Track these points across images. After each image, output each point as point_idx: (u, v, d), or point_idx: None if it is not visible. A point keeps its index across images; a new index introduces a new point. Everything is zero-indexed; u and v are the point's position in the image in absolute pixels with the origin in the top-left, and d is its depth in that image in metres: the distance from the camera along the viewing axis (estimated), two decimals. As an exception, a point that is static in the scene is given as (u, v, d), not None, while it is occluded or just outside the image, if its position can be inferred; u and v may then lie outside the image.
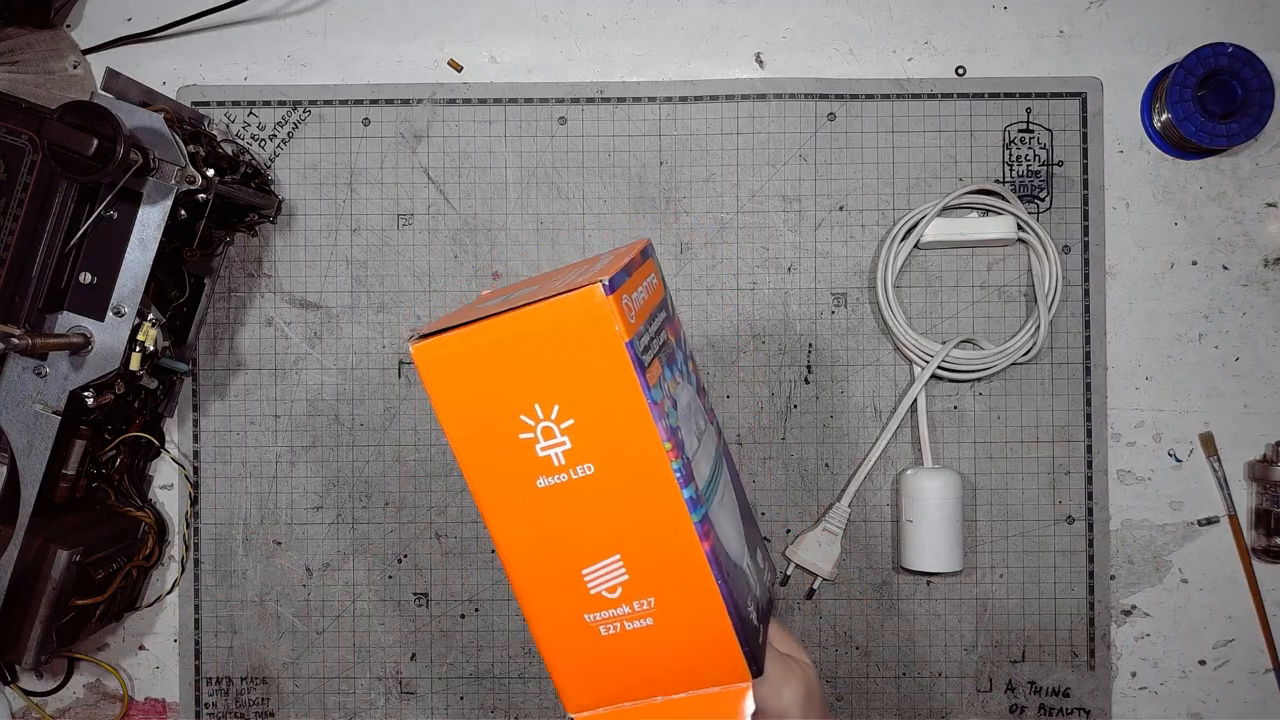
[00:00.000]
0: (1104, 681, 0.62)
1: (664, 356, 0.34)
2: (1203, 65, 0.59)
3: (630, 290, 0.32)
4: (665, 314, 0.36)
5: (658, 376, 0.33)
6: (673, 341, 0.36)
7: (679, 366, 0.35)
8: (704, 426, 0.36)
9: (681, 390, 0.35)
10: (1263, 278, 0.62)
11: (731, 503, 0.37)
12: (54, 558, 0.52)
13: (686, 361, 0.37)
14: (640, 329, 0.32)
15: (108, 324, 0.52)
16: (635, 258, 0.34)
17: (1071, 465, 0.62)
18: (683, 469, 0.33)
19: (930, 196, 0.62)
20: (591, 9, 0.64)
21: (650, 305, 0.34)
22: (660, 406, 0.32)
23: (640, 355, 0.32)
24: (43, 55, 0.62)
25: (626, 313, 0.31)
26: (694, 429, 0.35)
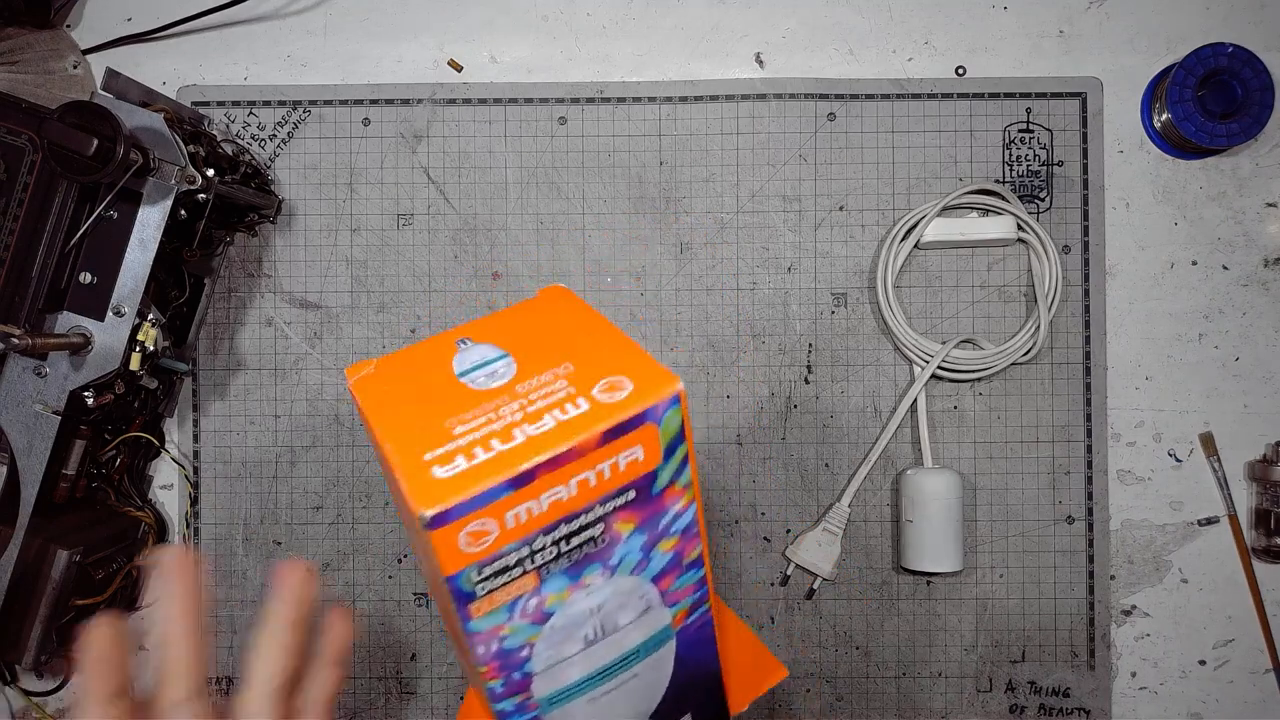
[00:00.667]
0: (1104, 681, 0.62)
1: (560, 563, 0.28)
2: (1203, 65, 0.59)
3: (510, 509, 0.26)
4: (622, 510, 0.28)
5: (514, 598, 0.28)
6: (617, 536, 0.28)
7: (603, 566, 0.29)
8: (609, 629, 0.31)
9: (576, 599, 0.29)
10: (1263, 278, 0.62)
11: (633, 692, 0.33)
12: (54, 558, 0.52)
13: (654, 549, 0.29)
14: (503, 550, 0.26)
15: (108, 324, 0.52)
16: (598, 450, 0.26)
17: (1071, 465, 0.62)
18: (502, 688, 0.30)
19: (930, 196, 0.62)
20: (591, 9, 0.64)
21: (566, 508, 0.27)
22: (484, 636, 0.28)
23: (469, 592, 0.27)
24: (43, 55, 0.62)
25: (471, 544, 0.26)
26: (575, 634, 0.30)
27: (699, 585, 0.32)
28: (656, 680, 0.34)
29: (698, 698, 0.35)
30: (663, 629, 0.32)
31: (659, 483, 0.28)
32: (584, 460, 0.26)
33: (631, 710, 0.34)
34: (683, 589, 0.32)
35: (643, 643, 0.32)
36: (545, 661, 0.30)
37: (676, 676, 0.34)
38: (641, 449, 0.27)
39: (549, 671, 0.31)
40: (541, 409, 0.27)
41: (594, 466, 0.27)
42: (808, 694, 0.62)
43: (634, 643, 0.32)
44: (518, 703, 0.31)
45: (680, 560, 0.31)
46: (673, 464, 0.28)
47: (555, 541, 0.28)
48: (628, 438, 0.27)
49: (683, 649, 0.33)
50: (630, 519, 0.29)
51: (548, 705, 0.31)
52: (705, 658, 0.34)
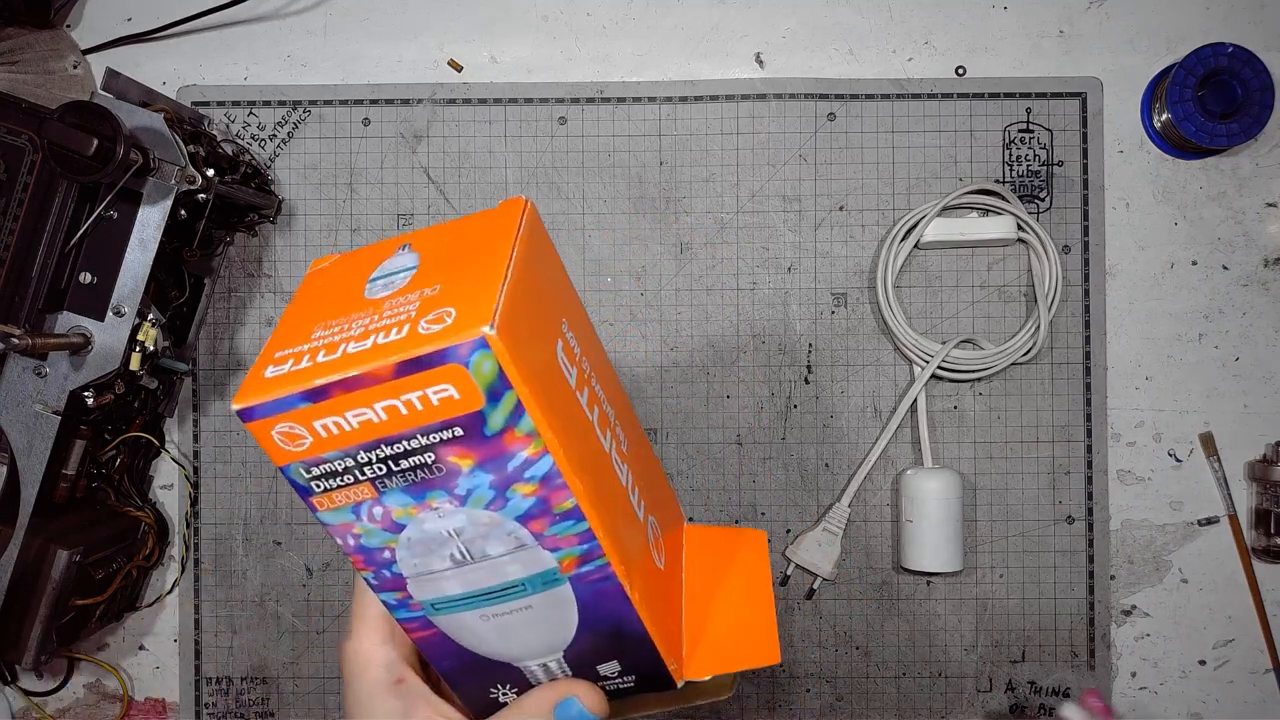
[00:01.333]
0: (1104, 681, 0.62)
1: (395, 480, 0.29)
2: (1203, 65, 0.59)
3: (315, 418, 0.27)
4: (447, 444, 0.28)
5: (355, 503, 0.29)
6: (455, 469, 0.28)
7: (446, 493, 0.29)
8: (477, 555, 0.31)
9: (427, 519, 0.30)
10: (1263, 278, 0.62)
11: (535, 621, 0.33)
12: (54, 558, 0.52)
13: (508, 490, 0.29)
14: (324, 456, 0.28)
15: (108, 324, 0.52)
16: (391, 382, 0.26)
17: (1071, 465, 0.62)
18: (375, 580, 0.31)
19: (930, 196, 0.62)
20: (591, 9, 0.64)
21: (375, 432, 0.27)
22: (339, 529, 0.30)
23: (305, 486, 0.28)
24: (43, 55, 0.62)
25: (287, 441, 0.27)
26: (437, 552, 0.31)
27: (584, 538, 0.31)
28: (560, 619, 0.34)
29: (624, 650, 0.35)
30: (548, 570, 0.32)
31: (490, 425, 0.27)
32: (384, 388, 0.26)
33: (536, 638, 0.34)
34: (563, 537, 0.31)
35: (525, 578, 0.32)
36: (412, 568, 0.31)
37: (586, 622, 0.34)
38: (453, 388, 0.27)
39: (420, 579, 0.31)
40: (375, 328, 0.28)
41: (398, 396, 0.27)
42: (808, 694, 0.62)
43: (515, 575, 0.32)
44: (398, 599, 0.32)
45: (549, 508, 0.30)
46: (502, 409, 0.27)
47: (382, 460, 0.28)
48: (428, 374, 0.26)
49: (584, 598, 0.33)
50: (465, 455, 0.28)
51: (432, 609, 0.32)
52: (620, 614, 0.34)
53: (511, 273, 0.28)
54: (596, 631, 0.34)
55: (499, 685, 0.35)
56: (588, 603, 0.33)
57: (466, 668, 0.34)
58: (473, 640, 0.33)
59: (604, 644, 0.34)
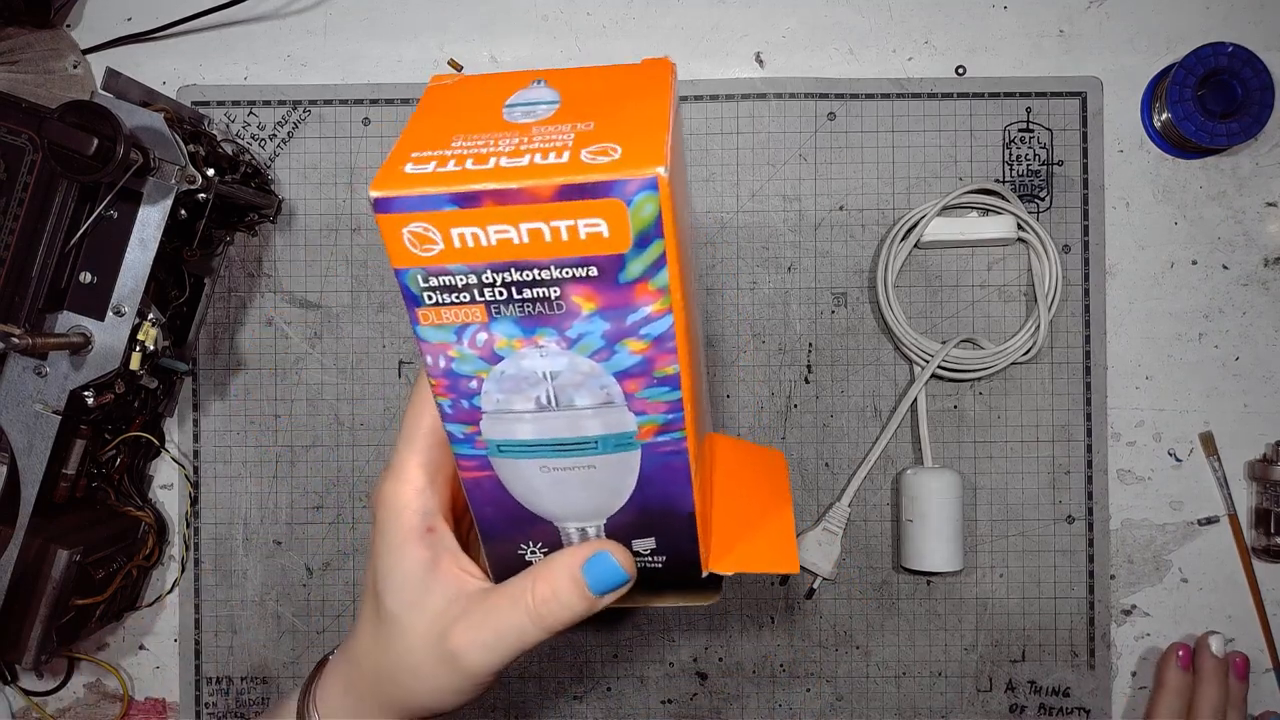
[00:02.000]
0: (1104, 681, 0.62)
1: (511, 308, 0.28)
2: (1203, 65, 0.59)
3: (455, 224, 0.26)
4: (576, 282, 0.27)
5: (463, 324, 0.28)
6: (575, 309, 0.28)
7: (557, 332, 0.29)
8: (563, 403, 0.31)
9: (527, 355, 0.29)
10: (1263, 277, 0.62)
11: (590, 482, 0.33)
12: (54, 558, 0.52)
13: (619, 343, 0.29)
14: (449, 267, 0.27)
15: (108, 324, 0.52)
16: (550, 204, 0.26)
17: (1071, 465, 0.62)
18: (451, 408, 0.31)
19: (930, 196, 0.62)
20: (591, 9, 0.64)
21: (513, 253, 0.26)
22: (434, 347, 0.29)
23: (417, 294, 0.27)
24: (43, 55, 0.62)
25: (416, 244, 0.26)
26: (525, 392, 0.30)
27: (672, 407, 0.31)
28: (617, 485, 0.33)
29: (664, 529, 0.35)
30: (625, 433, 0.32)
31: (627, 272, 0.27)
32: (537, 209, 0.26)
33: (587, 500, 0.34)
34: (652, 402, 0.31)
35: (601, 436, 0.32)
36: (494, 404, 0.30)
37: (640, 494, 0.34)
38: (605, 225, 0.26)
39: (498, 416, 0.31)
40: (530, 149, 0.27)
41: (548, 220, 0.26)
42: (808, 694, 0.62)
43: (591, 431, 0.32)
44: (466, 433, 0.31)
45: (650, 369, 0.30)
46: (645, 257, 0.27)
47: (506, 284, 0.27)
48: (587, 204, 0.26)
49: (647, 468, 0.33)
50: (591, 297, 0.28)
51: (497, 450, 0.32)
52: (674, 491, 0.34)
53: (672, 124, 0.28)
54: (645, 505, 0.33)
55: (530, 543, 0.34)
56: (650, 474, 0.32)
57: (506, 518, 0.33)
58: (523, 490, 0.33)
59: (647, 519, 0.34)
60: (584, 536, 0.35)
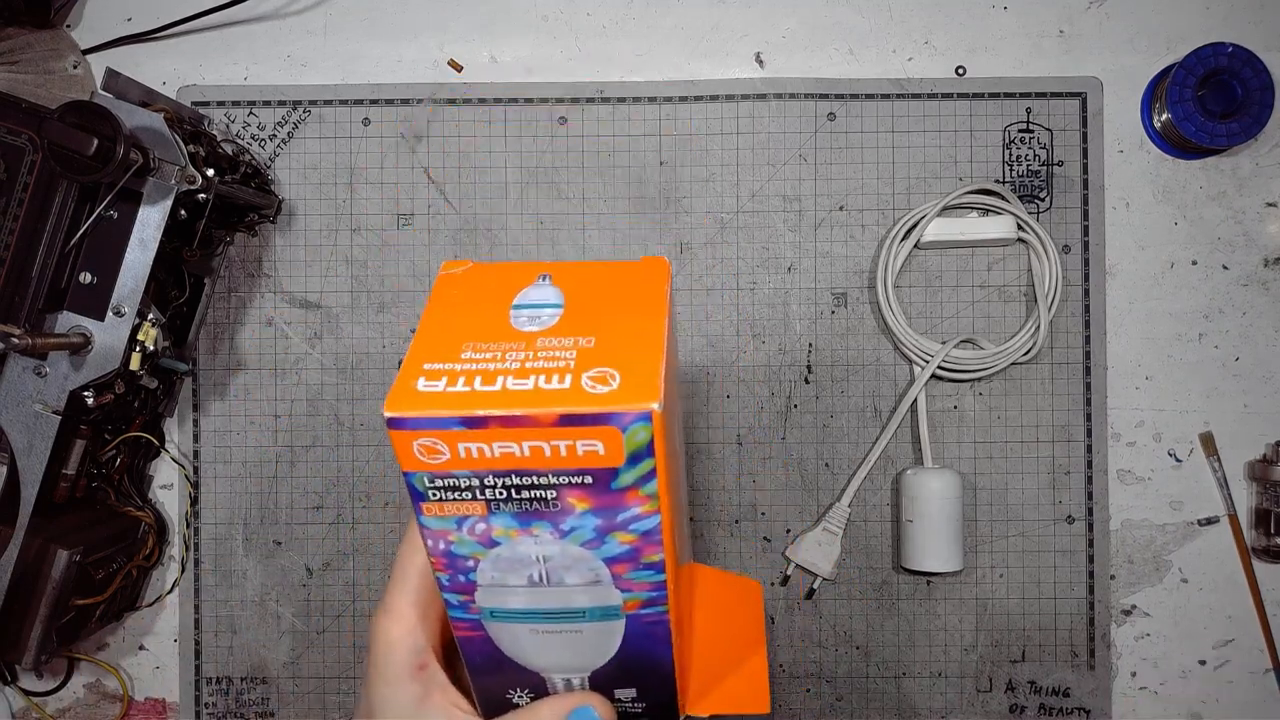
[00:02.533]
0: (1104, 681, 0.62)
1: (509, 506, 0.31)
2: (1203, 65, 0.59)
3: (461, 441, 0.28)
4: (573, 488, 0.30)
5: (463, 516, 0.31)
6: (569, 508, 0.30)
7: (552, 526, 0.31)
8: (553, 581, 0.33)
9: (523, 542, 0.32)
10: (1263, 278, 0.62)
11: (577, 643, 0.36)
12: (54, 558, 0.52)
13: (608, 535, 0.31)
14: (453, 473, 0.29)
15: (108, 324, 0.52)
16: (552, 428, 0.28)
17: (1071, 465, 0.62)
18: (449, 581, 0.33)
19: (930, 196, 0.62)
20: (591, 9, 0.64)
21: (514, 464, 0.29)
22: (435, 534, 0.31)
23: (422, 491, 0.30)
24: (43, 55, 0.62)
25: (425, 454, 0.29)
26: (519, 571, 0.33)
27: (656, 587, 0.33)
28: (602, 646, 0.36)
29: (645, 681, 0.37)
30: (611, 606, 0.34)
31: (620, 481, 0.29)
32: (539, 431, 0.28)
33: (573, 659, 0.36)
34: (638, 583, 0.33)
35: (589, 608, 0.34)
36: (489, 580, 0.33)
37: (623, 653, 0.36)
38: (601, 445, 0.28)
39: (492, 589, 0.33)
40: (535, 369, 0.29)
41: (549, 440, 0.28)
42: (808, 694, 0.62)
43: (579, 604, 0.34)
44: (461, 600, 0.33)
45: (637, 557, 0.32)
46: (637, 471, 0.29)
47: (505, 487, 0.30)
48: (586, 430, 0.28)
49: (631, 634, 0.35)
50: (585, 499, 0.30)
51: (489, 615, 0.34)
52: (656, 652, 0.36)
53: (666, 345, 0.30)
54: (626, 661, 0.36)
55: (517, 689, 0.37)
56: (632, 638, 0.35)
57: (495, 667, 0.36)
58: (513, 647, 0.35)
59: (628, 672, 0.36)
60: (568, 686, 0.37)
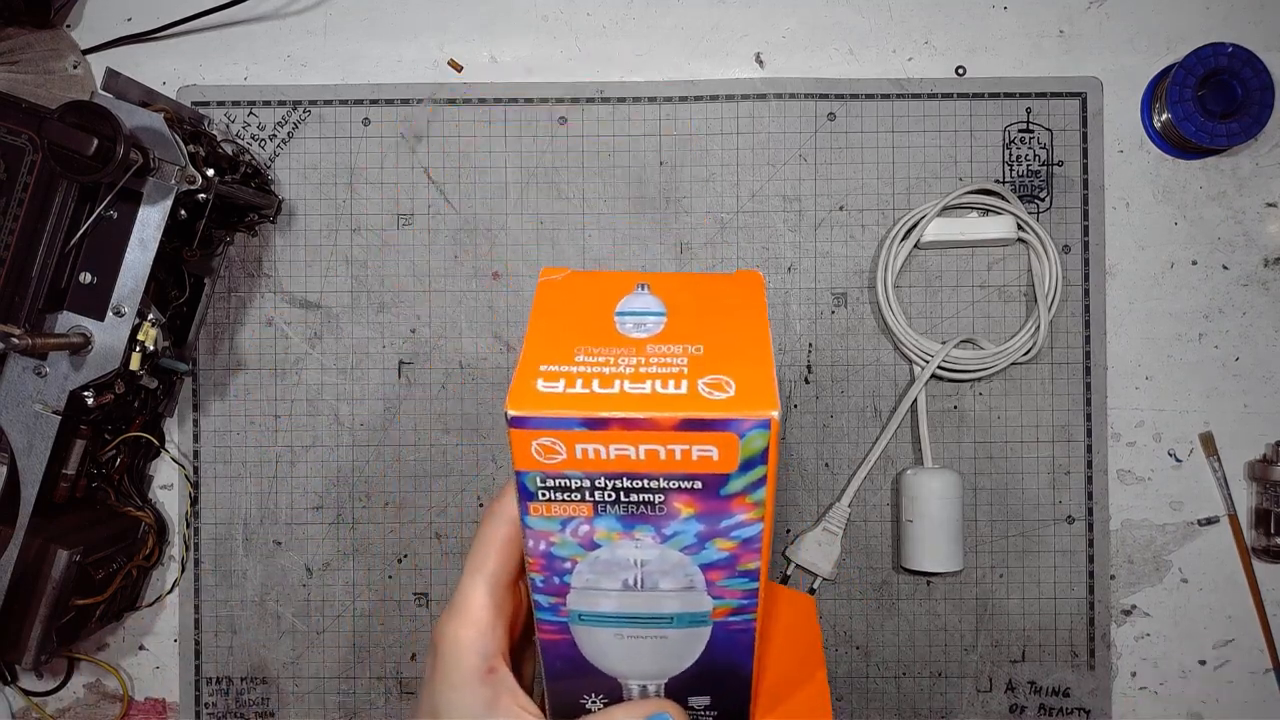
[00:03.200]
0: (1104, 681, 0.62)
1: (615, 509, 0.31)
2: (1203, 65, 0.59)
3: (580, 442, 0.29)
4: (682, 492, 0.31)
5: (568, 517, 0.32)
6: (674, 513, 0.31)
7: (655, 530, 0.32)
8: (648, 586, 0.34)
9: (624, 546, 0.32)
10: (1263, 278, 0.62)
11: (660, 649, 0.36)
12: (54, 558, 0.52)
13: (709, 542, 0.32)
14: (566, 474, 0.30)
15: (108, 324, 0.52)
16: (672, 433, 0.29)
17: (1071, 465, 0.62)
18: (544, 582, 0.34)
19: (930, 196, 0.62)
20: (591, 9, 0.64)
21: (629, 467, 0.30)
22: (538, 534, 0.32)
23: (533, 491, 0.31)
24: (43, 55, 0.62)
25: (542, 454, 0.30)
26: (615, 575, 0.34)
27: (748, 595, 0.34)
28: (685, 652, 0.36)
29: (721, 689, 0.38)
30: (701, 613, 0.35)
31: (729, 488, 0.30)
32: (657, 434, 0.29)
33: (654, 664, 0.36)
34: (730, 590, 0.34)
35: (678, 614, 0.35)
36: (584, 582, 0.33)
37: (705, 659, 0.36)
38: (716, 451, 0.29)
39: (585, 592, 0.34)
40: (650, 374, 0.30)
41: (665, 444, 0.29)
42: (808, 694, 0.62)
43: (670, 609, 0.34)
44: (552, 602, 0.34)
45: (734, 565, 0.33)
46: (748, 478, 0.30)
47: (616, 489, 0.30)
48: (704, 435, 0.28)
49: (717, 640, 0.35)
50: (692, 505, 0.31)
51: (578, 619, 0.35)
52: (738, 660, 0.36)
53: (771, 354, 0.31)
54: (706, 668, 0.36)
55: (592, 694, 0.37)
56: (716, 645, 0.35)
57: (574, 671, 0.36)
58: (594, 651, 0.36)
59: (706, 680, 0.37)
60: (644, 692, 0.37)
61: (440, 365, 0.63)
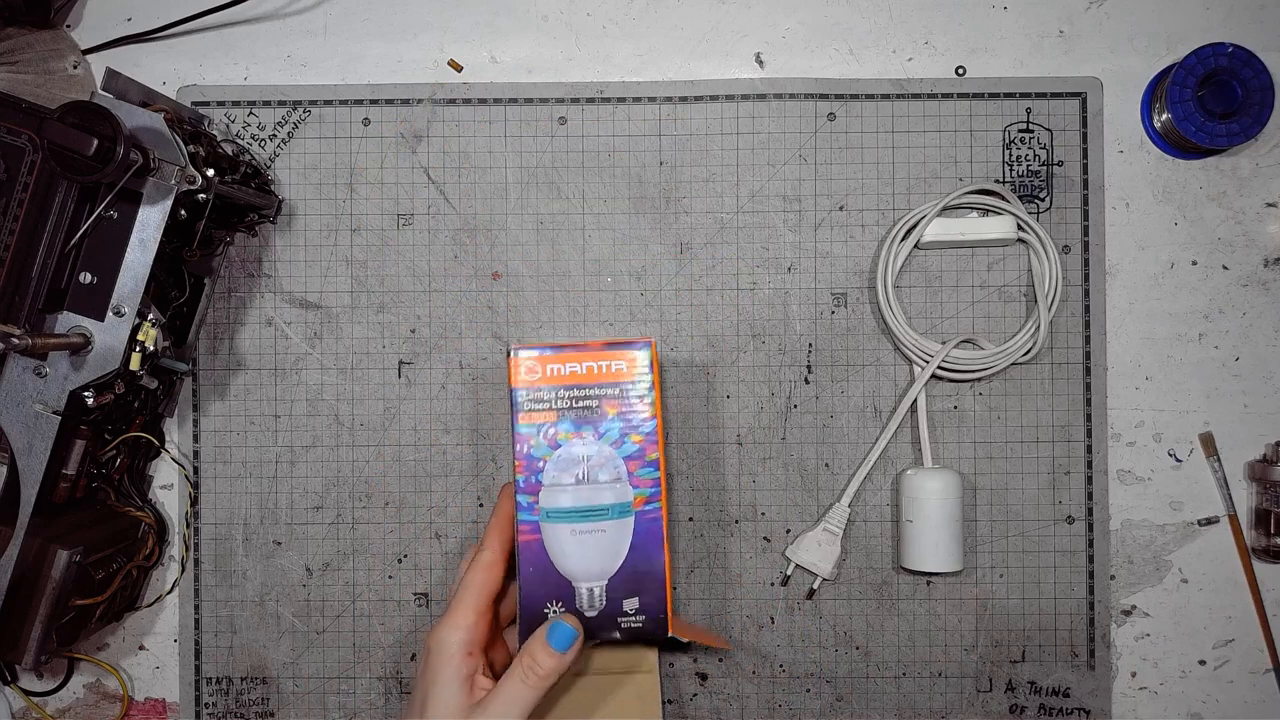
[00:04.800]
0: (1104, 681, 0.62)
1: (570, 414, 0.50)
2: (1203, 65, 0.59)
3: (549, 363, 0.50)
4: (607, 397, 0.50)
5: (541, 423, 0.49)
6: (604, 414, 0.50)
7: (594, 429, 0.50)
8: (591, 478, 0.50)
9: (575, 444, 0.49)
10: (1263, 278, 0.62)
11: (601, 545, 0.50)
12: (54, 558, 0.52)
13: (627, 437, 0.50)
14: (540, 388, 0.49)
15: (108, 324, 0.52)
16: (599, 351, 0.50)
17: (1071, 465, 0.62)
18: (525, 481, 0.49)
19: (930, 196, 0.62)
20: (591, 9, 0.64)
21: (576, 380, 0.49)
22: (523, 438, 0.49)
23: (521, 403, 0.50)
24: (43, 55, 0.62)
25: (527, 374, 0.50)
26: (570, 470, 0.49)
27: (654, 484, 0.50)
28: (618, 545, 0.50)
29: (645, 588, 0.50)
30: (625, 502, 0.50)
31: (633, 391, 0.50)
32: (591, 354, 0.50)
33: (597, 560, 0.50)
34: (642, 479, 0.50)
35: (611, 504, 0.50)
36: (550, 479, 0.49)
37: (632, 553, 0.50)
38: (623, 364, 0.50)
39: (552, 489, 0.49)
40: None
41: (597, 360, 0.50)
42: (808, 694, 0.62)
43: (605, 500, 0.50)
44: (529, 501, 0.49)
45: (643, 455, 0.50)
46: (643, 383, 0.50)
47: (569, 398, 0.50)
48: (617, 354, 0.50)
49: (638, 533, 0.50)
50: (614, 407, 0.50)
51: (546, 516, 0.49)
52: (653, 553, 0.50)
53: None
54: (633, 568, 0.50)
55: (553, 601, 0.50)
56: (638, 537, 0.50)
57: (541, 577, 0.49)
58: (556, 552, 0.49)
59: (634, 581, 0.50)
60: (591, 596, 0.50)
61: (440, 365, 0.63)
